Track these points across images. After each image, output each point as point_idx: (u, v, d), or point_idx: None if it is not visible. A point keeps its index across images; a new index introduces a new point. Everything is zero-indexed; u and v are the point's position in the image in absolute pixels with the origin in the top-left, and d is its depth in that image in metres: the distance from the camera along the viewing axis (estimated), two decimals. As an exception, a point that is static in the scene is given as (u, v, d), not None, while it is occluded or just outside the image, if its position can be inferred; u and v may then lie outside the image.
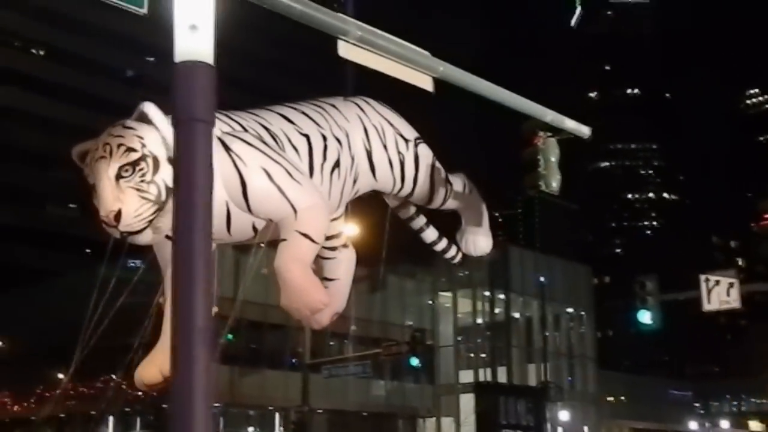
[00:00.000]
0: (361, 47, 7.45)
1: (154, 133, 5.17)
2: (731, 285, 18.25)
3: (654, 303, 21.96)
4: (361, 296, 39.08)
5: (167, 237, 5.47)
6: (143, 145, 5.09)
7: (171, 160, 4.99)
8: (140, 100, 5.40)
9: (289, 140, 6.16)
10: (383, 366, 37.71)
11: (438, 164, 7.26)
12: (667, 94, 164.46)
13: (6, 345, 43.91)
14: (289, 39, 60.85)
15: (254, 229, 5.89)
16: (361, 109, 6.95)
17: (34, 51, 65.26)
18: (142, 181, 5.05)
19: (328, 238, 6.46)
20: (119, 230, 5.08)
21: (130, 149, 5.08)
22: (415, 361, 31.62)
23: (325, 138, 6.43)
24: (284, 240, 5.61)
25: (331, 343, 37.82)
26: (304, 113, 6.54)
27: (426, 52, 8.17)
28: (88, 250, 57.06)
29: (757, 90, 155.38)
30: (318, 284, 5.77)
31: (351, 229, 9.98)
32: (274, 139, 6.01)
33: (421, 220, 7.74)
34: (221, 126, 5.48)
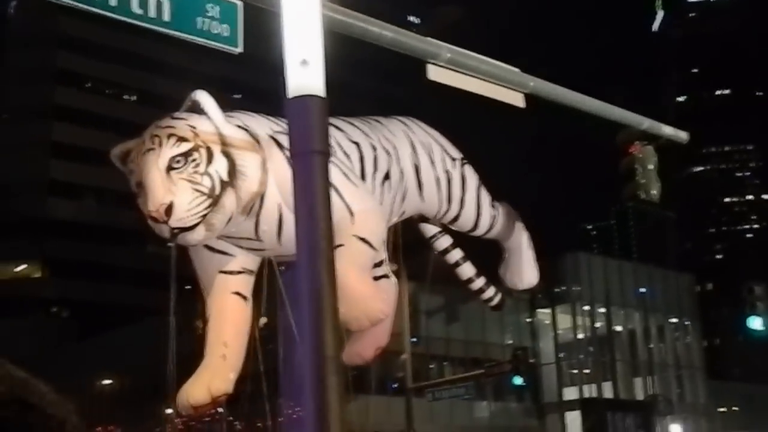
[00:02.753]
0: (450, 69, 7.50)
1: (207, 122, 4.83)
2: None
3: (764, 308, 21.29)
4: (458, 317, 39.01)
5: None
6: (196, 135, 4.70)
7: (226, 152, 4.71)
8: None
9: (340, 146, 5.70)
10: (486, 387, 37.44)
11: (484, 188, 6.87)
12: (759, 92, 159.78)
13: (114, 382, 45.03)
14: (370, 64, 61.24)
15: None
16: (407, 126, 6.58)
17: (126, 97, 66.86)
18: (195, 172, 4.64)
19: (375, 265, 5.98)
20: (170, 227, 4.67)
21: (182, 139, 4.73)
22: (518, 380, 31.30)
23: (374, 148, 6.04)
24: (341, 245, 4.94)
25: (431, 366, 37.75)
26: (351, 123, 6.14)
27: (516, 69, 8.15)
28: (187, 287, 58.33)
29: None
30: (378, 292, 5.30)
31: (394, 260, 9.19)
32: None
33: (457, 254, 7.13)
34: (272, 126, 5.23)
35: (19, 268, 61.76)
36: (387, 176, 5.99)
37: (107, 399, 42.46)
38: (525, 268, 7.01)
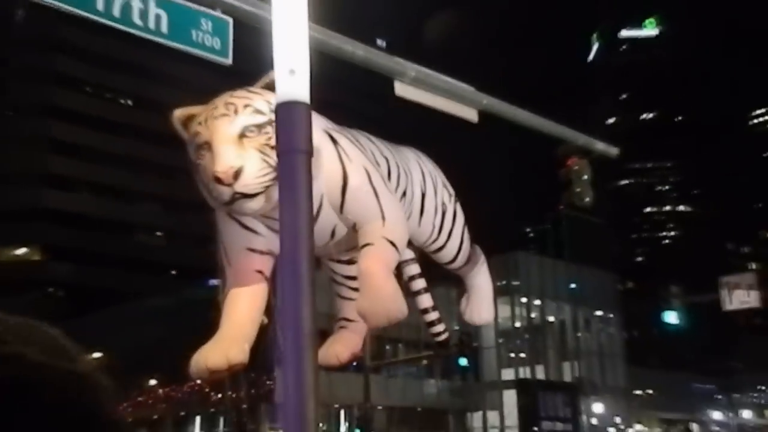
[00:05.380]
0: (415, 86, 7.51)
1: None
2: (750, 286, 17.91)
3: (679, 305, 21.64)
4: (413, 304, 39.08)
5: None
6: (271, 111, 4.17)
7: None
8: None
9: (375, 156, 5.37)
10: (435, 366, 37.59)
11: (467, 227, 6.44)
12: (679, 117, 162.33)
13: (102, 357, 44.49)
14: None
15: (332, 234, 5.01)
16: (417, 156, 6.13)
17: (122, 101, 66.22)
18: (266, 144, 4.23)
19: (352, 278, 5.58)
20: (234, 190, 4.21)
21: (258, 111, 4.33)
22: (463, 362, 31.47)
23: (398, 166, 5.67)
24: (370, 244, 4.81)
25: (387, 347, 37.75)
26: (379, 140, 5.71)
27: (471, 88, 8.18)
28: (173, 272, 57.89)
29: (763, 110, 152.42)
30: (401, 294, 4.88)
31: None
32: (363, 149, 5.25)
33: (421, 283, 6.58)
34: (325, 123, 4.88)
35: (19, 252, 61.08)
36: (404, 194, 5.64)
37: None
38: (484, 307, 6.68)
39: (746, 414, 77.20)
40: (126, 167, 61.80)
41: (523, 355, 48.32)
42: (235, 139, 4.19)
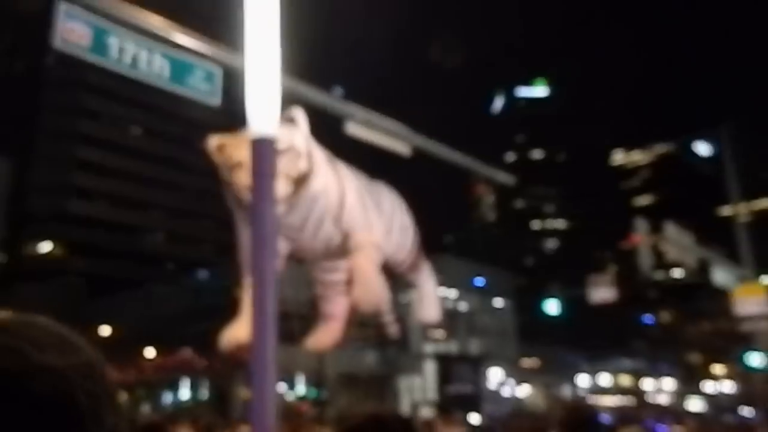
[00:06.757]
0: (362, 126, 7.45)
1: (298, 132, 4.42)
2: (609, 284, 18.25)
3: (557, 296, 21.99)
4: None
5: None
6: (291, 140, 4.27)
7: (308, 155, 4.27)
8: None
9: (364, 187, 5.25)
10: (373, 340, 37.40)
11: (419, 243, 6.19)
12: (560, 155, 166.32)
13: (113, 332, 43.35)
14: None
15: (329, 245, 4.87)
16: (385, 186, 5.86)
17: (133, 130, 64.97)
18: (287, 164, 4.19)
19: (337, 282, 5.45)
20: None
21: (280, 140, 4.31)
22: (396, 338, 31.35)
23: (379, 194, 5.47)
24: (361, 247, 4.76)
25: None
26: (360, 174, 5.45)
27: (406, 128, 8.15)
28: (170, 265, 56.69)
29: (621, 152, 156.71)
30: (386, 286, 4.84)
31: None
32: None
33: None
34: (325, 154, 4.73)
35: (45, 246, 59.66)
36: (391, 217, 5.49)
37: (104, 345, 40.62)
38: (431, 307, 6.53)
39: (603, 378, 79.15)
40: (134, 182, 60.99)
41: (440, 333, 48.48)
42: None
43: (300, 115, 4.52)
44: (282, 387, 38.99)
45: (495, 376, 49.36)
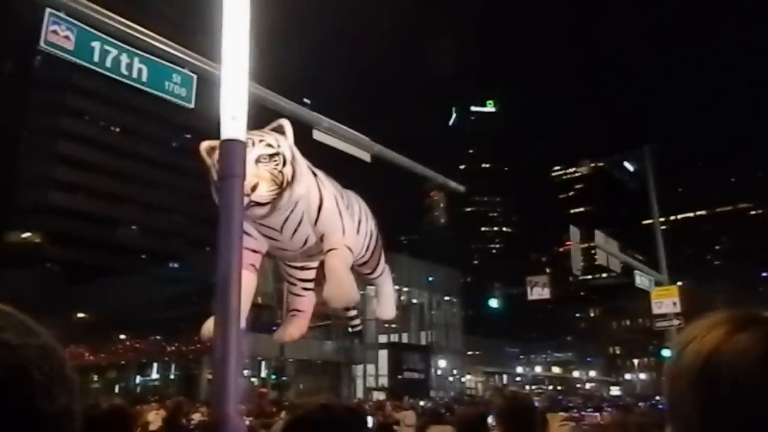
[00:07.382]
0: (328, 134, 7.44)
1: (285, 141, 4.36)
2: (545, 284, 18.55)
3: (499, 294, 22.26)
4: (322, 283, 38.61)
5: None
6: (279, 145, 4.25)
7: (292, 164, 4.25)
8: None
9: (337, 192, 5.16)
10: (331, 331, 37.24)
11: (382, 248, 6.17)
12: (506, 167, 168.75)
13: (88, 317, 42.15)
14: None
15: (305, 242, 4.81)
16: (355, 194, 5.70)
17: (112, 128, 63.46)
18: (274, 168, 4.17)
19: (307, 281, 5.43)
20: (250, 199, 4.05)
21: (269, 145, 4.22)
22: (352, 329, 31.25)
23: (350, 199, 5.38)
24: (335, 249, 4.73)
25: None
26: (333, 180, 5.31)
27: (366, 138, 8.16)
28: (143, 256, 55.39)
29: (559, 167, 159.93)
30: (355, 284, 4.78)
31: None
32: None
33: None
34: (307, 162, 4.66)
35: (25, 235, 57.61)
36: (359, 223, 5.40)
37: (81, 328, 39.49)
38: (388, 305, 6.45)
39: (538, 368, 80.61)
40: (112, 177, 59.53)
41: (394, 325, 48.50)
42: (252, 163, 4.06)
43: (287, 125, 4.50)
44: (246, 371, 38.51)
45: (442, 364, 49.69)
